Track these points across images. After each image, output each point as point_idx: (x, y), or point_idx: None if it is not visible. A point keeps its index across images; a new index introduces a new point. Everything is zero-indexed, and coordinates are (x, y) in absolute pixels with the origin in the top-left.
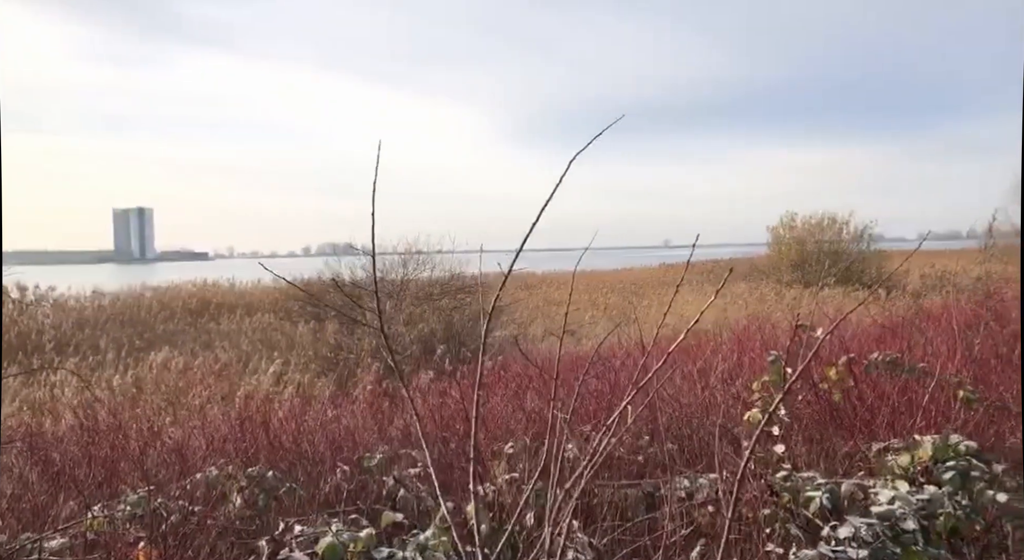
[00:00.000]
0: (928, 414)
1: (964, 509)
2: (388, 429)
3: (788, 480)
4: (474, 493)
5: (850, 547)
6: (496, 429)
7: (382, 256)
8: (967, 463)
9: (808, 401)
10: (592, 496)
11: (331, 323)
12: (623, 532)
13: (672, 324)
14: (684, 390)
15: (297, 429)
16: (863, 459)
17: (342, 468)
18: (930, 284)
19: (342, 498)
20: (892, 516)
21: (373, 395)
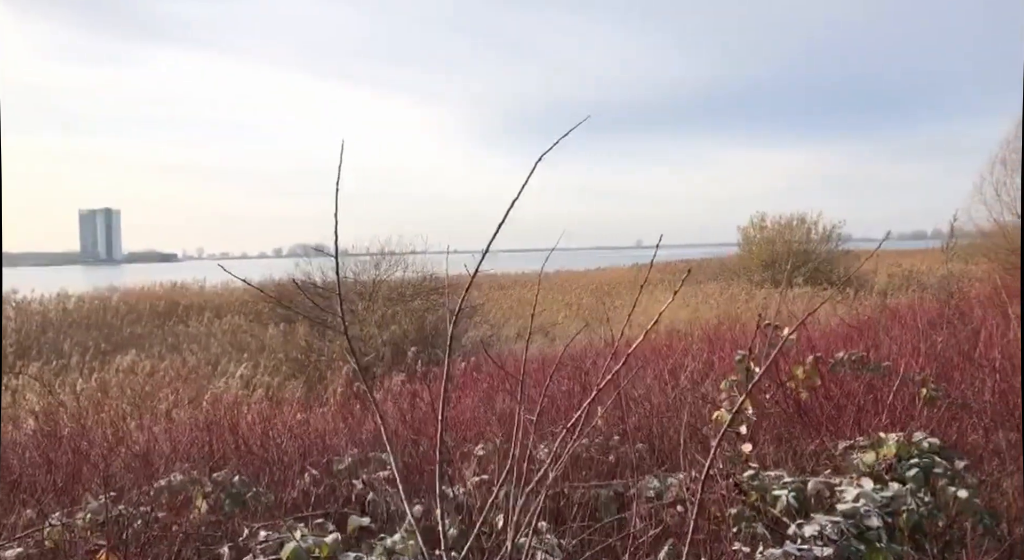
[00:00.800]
0: (893, 412)
1: (926, 506)
2: (359, 432)
3: (755, 479)
4: (440, 496)
5: (816, 545)
6: (468, 431)
7: (355, 257)
8: (930, 460)
9: (776, 400)
10: (562, 497)
11: (302, 325)
12: (592, 533)
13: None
14: (656, 390)
15: (265, 433)
16: (830, 457)
17: (311, 472)
18: (897, 283)
19: (310, 503)
20: (857, 513)
21: (344, 397)
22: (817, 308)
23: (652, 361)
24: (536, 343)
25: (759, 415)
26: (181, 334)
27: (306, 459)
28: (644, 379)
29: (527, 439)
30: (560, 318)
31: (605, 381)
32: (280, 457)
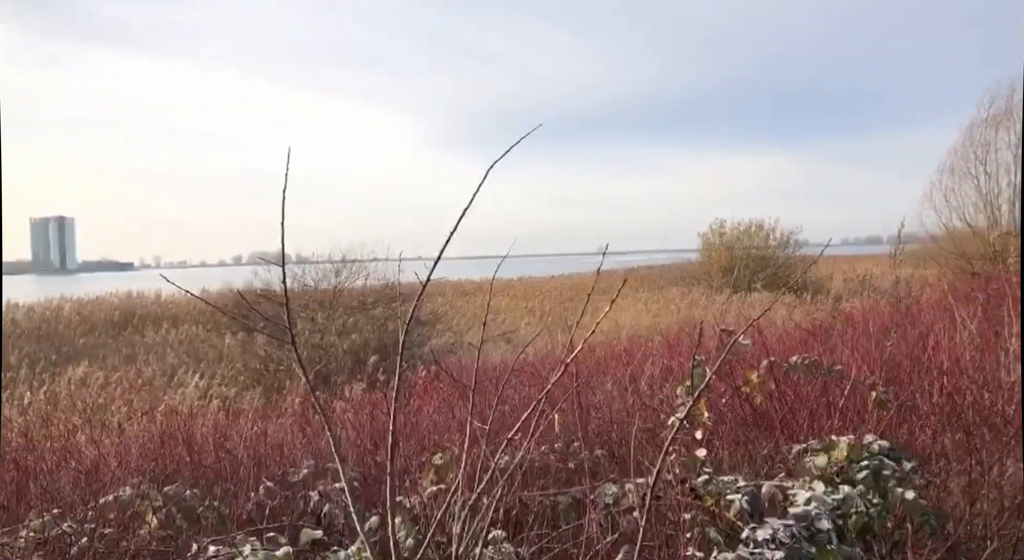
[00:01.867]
0: (845, 415)
1: (875, 507)
2: (317, 442)
3: (710, 484)
4: (389, 508)
5: (768, 548)
6: (427, 439)
7: (314, 265)
8: (879, 462)
9: (732, 405)
10: (521, 504)
11: (261, 334)
12: (550, 540)
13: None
14: (616, 395)
15: (220, 445)
16: (784, 461)
17: (266, 484)
18: (852, 288)
19: (264, 516)
20: (808, 516)
21: (303, 407)
22: (765, 312)
23: (613, 367)
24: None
25: (715, 420)
26: (137, 344)
27: (263, 471)
28: (604, 385)
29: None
30: (523, 324)
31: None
32: (235, 469)
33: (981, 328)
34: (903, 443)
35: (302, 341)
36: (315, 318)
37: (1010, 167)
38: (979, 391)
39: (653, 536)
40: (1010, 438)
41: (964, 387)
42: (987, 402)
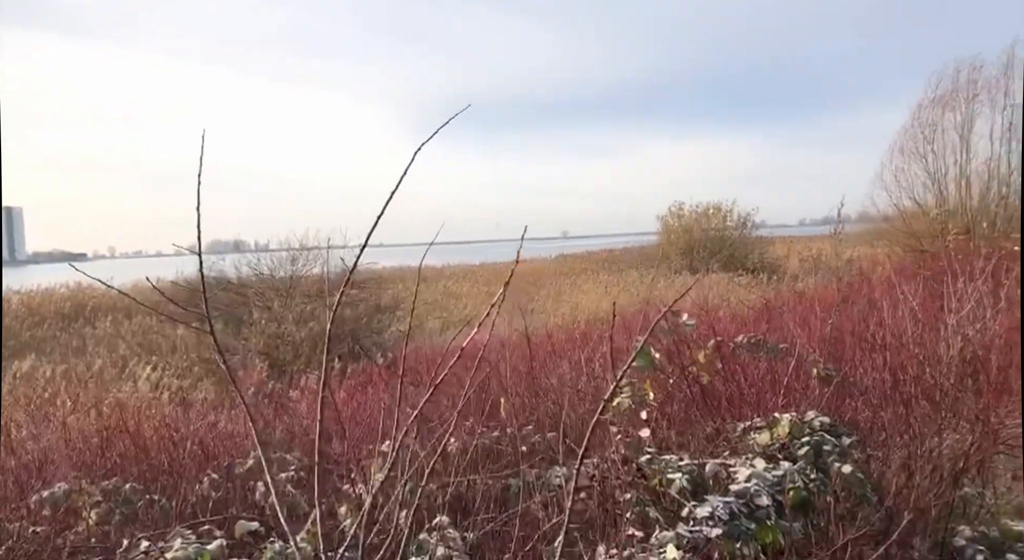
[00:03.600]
0: (790, 392)
1: (813, 482)
2: (269, 433)
3: (652, 463)
4: (317, 502)
5: (707, 525)
6: (378, 427)
7: (270, 253)
8: (820, 438)
9: (680, 385)
10: (468, 489)
11: (215, 324)
12: (497, 523)
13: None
14: (572, 378)
15: (168, 438)
16: (728, 439)
17: (211, 476)
18: (806, 268)
19: (208, 508)
20: (748, 493)
21: (256, 398)
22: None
23: (569, 350)
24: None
25: (663, 399)
26: (87, 336)
27: (210, 463)
28: (559, 368)
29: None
30: (483, 309)
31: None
32: (181, 462)
33: (924, 304)
34: (846, 418)
35: (258, 330)
36: (271, 306)
37: (956, 147)
38: (920, 366)
39: (598, 516)
40: (948, 411)
41: (905, 362)
42: (928, 377)
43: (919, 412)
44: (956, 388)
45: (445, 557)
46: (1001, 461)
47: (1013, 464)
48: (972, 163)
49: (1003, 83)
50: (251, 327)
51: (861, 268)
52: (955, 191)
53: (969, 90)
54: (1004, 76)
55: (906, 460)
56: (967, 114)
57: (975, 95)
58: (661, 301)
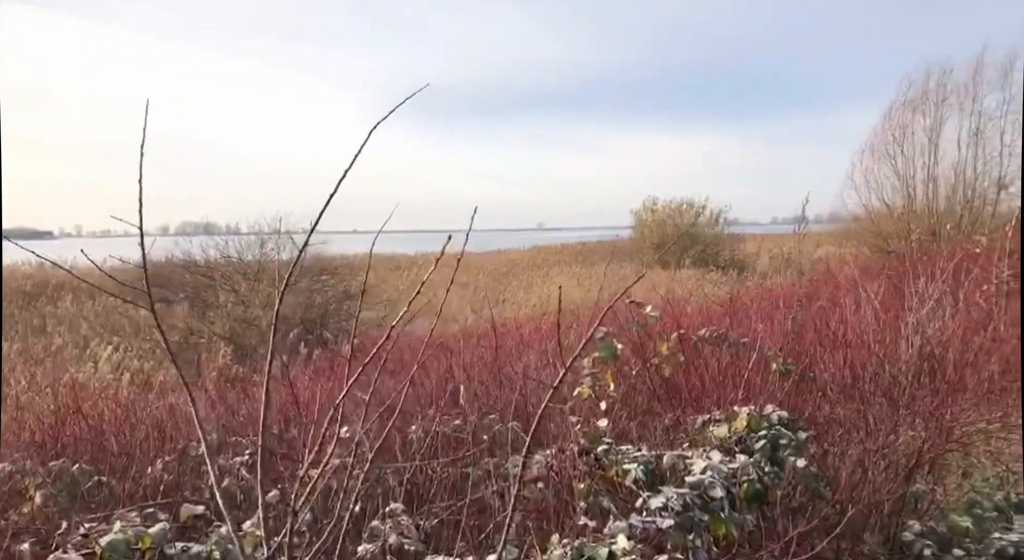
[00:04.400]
0: (750, 386)
1: (768, 475)
2: (231, 417)
3: (608, 453)
4: (259, 486)
5: (660, 516)
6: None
7: (239, 236)
8: (777, 432)
9: (643, 376)
10: (425, 477)
11: (181, 306)
12: (454, 511)
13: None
14: (540, 367)
15: (126, 419)
16: (687, 431)
17: (164, 459)
18: (776, 265)
19: (160, 492)
20: (702, 485)
21: (220, 382)
22: (637, 280)
23: (537, 341)
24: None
25: (626, 391)
26: (48, 315)
27: (167, 446)
28: (525, 358)
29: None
30: (455, 299)
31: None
32: (136, 444)
33: (886, 303)
34: (805, 414)
35: (223, 313)
36: (238, 290)
37: (925, 149)
38: (879, 363)
39: (554, 505)
40: (904, 408)
41: (865, 359)
42: (887, 374)
43: (876, 409)
44: (913, 386)
45: (397, 544)
46: (953, 458)
47: (965, 461)
48: (940, 166)
49: (971, 88)
50: (217, 310)
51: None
52: (922, 193)
53: (938, 94)
54: (972, 81)
55: (861, 456)
56: (936, 117)
57: (944, 99)
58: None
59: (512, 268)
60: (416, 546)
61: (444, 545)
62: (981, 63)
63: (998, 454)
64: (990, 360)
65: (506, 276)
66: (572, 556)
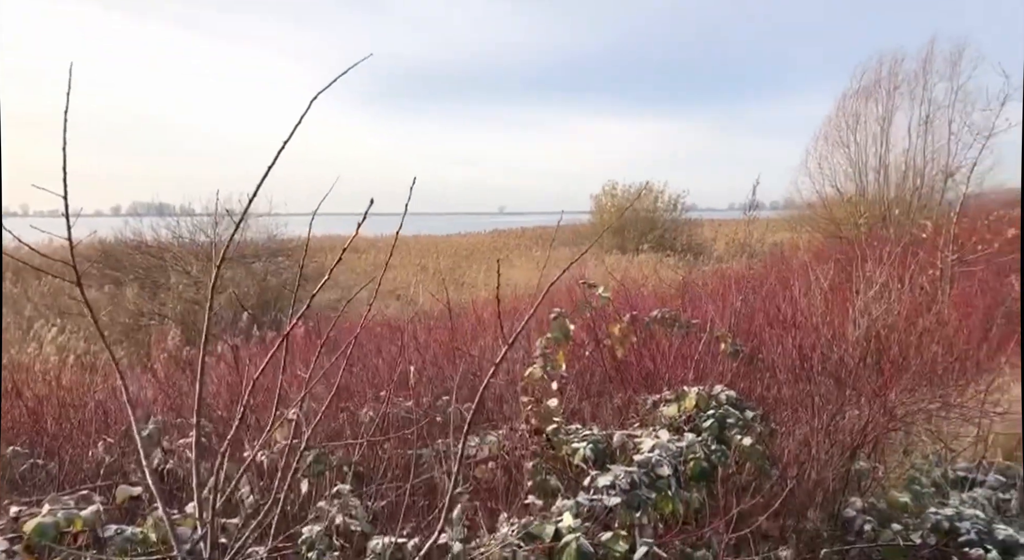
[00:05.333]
0: (701, 367)
1: (715, 454)
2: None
3: (558, 433)
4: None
5: (607, 494)
6: (288, 394)
7: (191, 217)
8: (725, 411)
9: (596, 357)
10: (377, 457)
11: (131, 287)
12: (403, 492)
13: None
14: (496, 349)
15: (69, 401)
16: (638, 411)
17: (106, 441)
18: (732, 250)
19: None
20: (650, 463)
21: (169, 364)
22: (583, 253)
23: (494, 323)
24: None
25: (579, 371)
26: None
27: (111, 428)
28: (482, 340)
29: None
30: (414, 281)
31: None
32: (78, 426)
33: (835, 286)
34: (754, 394)
35: (175, 295)
36: (190, 271)
37: (877, 138)
38: (827, 345)
39: (504, 485)
40: (850, 388)
41: (814, 341)
42: (834, 355)
43: (823, 389)
44: (859, 367)
45: (344, 524)
46: (895, 437)
47: (906, 440)
48: (891, 154)
49: (921, 78)
50: (168, 292)
51: (782, 252)
52: (874, 180)
53: (890, 83)
54: (922, 71)
55: (807, 435)
56: (888, 106)
57: (896, 88)
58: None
59: (473, 251)
60: (363, 526)
61: (393, 526)
62: (931, 54)
63: (937, 433)
64: (933, 342)
65: (467, 259)
66: (518, 534)
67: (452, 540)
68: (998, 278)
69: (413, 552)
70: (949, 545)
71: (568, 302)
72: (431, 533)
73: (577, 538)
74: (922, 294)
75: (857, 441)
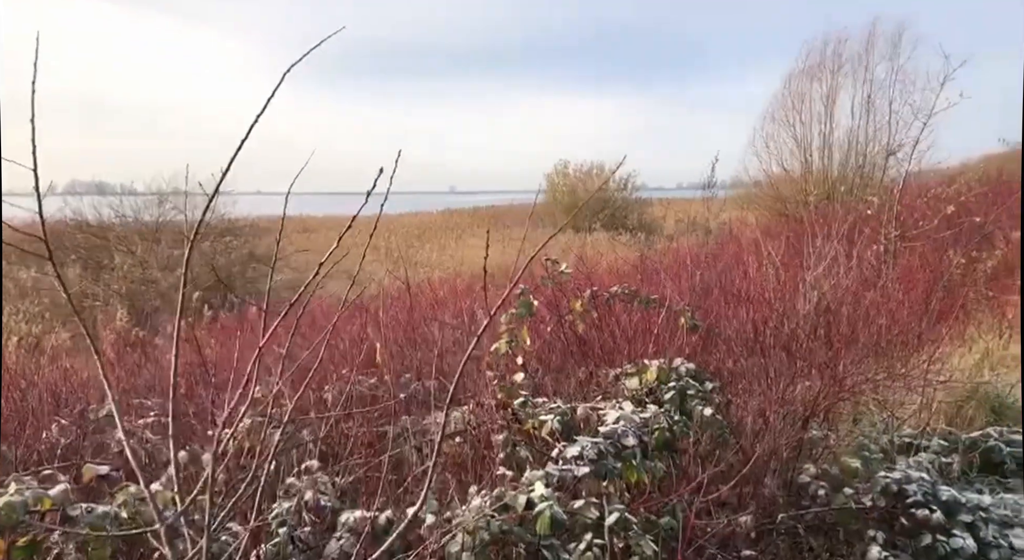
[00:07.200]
0: (660, 341)
1: (677, 424)
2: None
3: (525, 406)
4: (172, 444)
5: (575, 464)
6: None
7: (135, 197)
8: (685, 383)
9: (558, 333)
10: (343, 435)
11: (72, 268)
12: (371, 468)
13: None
14: (455, 327)
15: (15, 384)
16: (600, 384)
17: (60, 423)
18: (682, 228)
19: (57, 456)
20: (615, 434)
21: (118, 345)
22: (555, 235)
23: (452, 302)
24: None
25: (541, 347)
26: None
27: (62, 410)
28: (441, 318)
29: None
30: (367, 262)
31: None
32: (28, 409)
33: (786, 262)
34: (711, 366)
35: (119, 275)
36: (135, 251)
37: (821, 117)
38: (779, 318)
39: (472, 458)
40: (802, 360)
41: (767, 315)
42: (785, 329)
43: (776, 361)
44: (810, 339)
45: (314, 500)
46: (845, 406)
47: (855, 409)
48: (835, 133)
49: (864, 58)
50: (112, 272)
51: (732, 229)
52: (819, 158)
53: (834, 62)
54: (865, 51)
55: (762, 405)
56: (832, 85)
57: (839, 67)
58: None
59: (425, 231)
60: (332, 502)
61: (361, 501)
62: (873, 34)
63: (884, 401)
64: (879, 315)
65: (419, 239)
66: (491, 504)
67: (425, 513)
68: (937, 253)
69: (385, 525)
70: (897, 507)
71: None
72: (402, 507)
73: (550, 506)
74: (868, 269)
75: (809, 411)
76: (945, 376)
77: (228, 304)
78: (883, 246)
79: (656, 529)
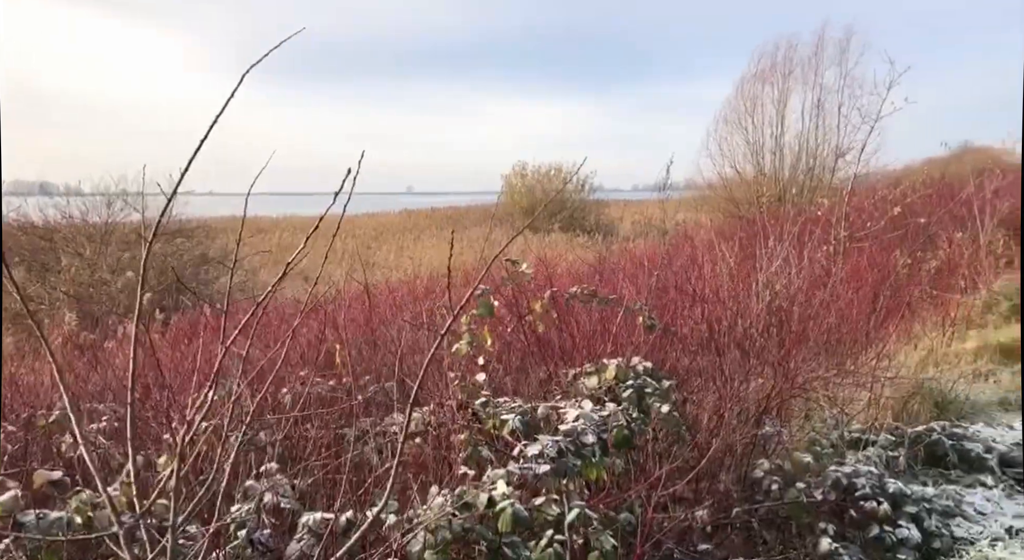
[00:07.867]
0: (618, 340)
1: (635, 421)
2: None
3: (487, 406)
4: (130, 446)
5: (536, 463)
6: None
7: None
8: (643, 381)
9: (518, 333)
10: (302, 437)
11: (17, 270)
12: (330, 470)
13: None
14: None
15: None
16: (560, 384)
17: (6, 429)
18: (639, 229)
19: (3, 463)
20: (575, 432)
21: (67, 349)
22: (520, 232)
23: (411, 303)
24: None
25: (501, 347)
26: None
27: (8, 417)
28: (400, 319)
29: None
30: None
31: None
32: None
33: (739, 262)
34: (668, 365)
35: (66, 277)
36: (83, 253)
37: (773, 120)
38: (733, 318)
39: (433, 459)
40: (755, 358)
41: (721, 314)
42: (739, 328)
43: (730, 359)
44: (763, 338)
45: (273, 502)
46: (797, 403)
47: (806, 405)
48: (786, 136)
49: (814, 62)
50: (59, 275)
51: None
52: (770, 161)
53: (785, 67)
54: (815, 56)
55: (717, 402)
56: (783, 89)
57: (790, 72)
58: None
59: (382, 232)
60: (292, 504)
61: (322, 503)
62: (822, 39)
63: (834, 398)
64: (829, 314)
65: (376, 240)
66: (452, 502)
67: (386, 513)
68: (884, 254)
69: (346, 526)
70: (847, 500)
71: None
72: (363, 508)
73: (512, 504)
74: (818, 269)
75: (762, 407)
76: (892, 372)
77: (180, 307)
78: (833, 247)
79: (615, 525)
